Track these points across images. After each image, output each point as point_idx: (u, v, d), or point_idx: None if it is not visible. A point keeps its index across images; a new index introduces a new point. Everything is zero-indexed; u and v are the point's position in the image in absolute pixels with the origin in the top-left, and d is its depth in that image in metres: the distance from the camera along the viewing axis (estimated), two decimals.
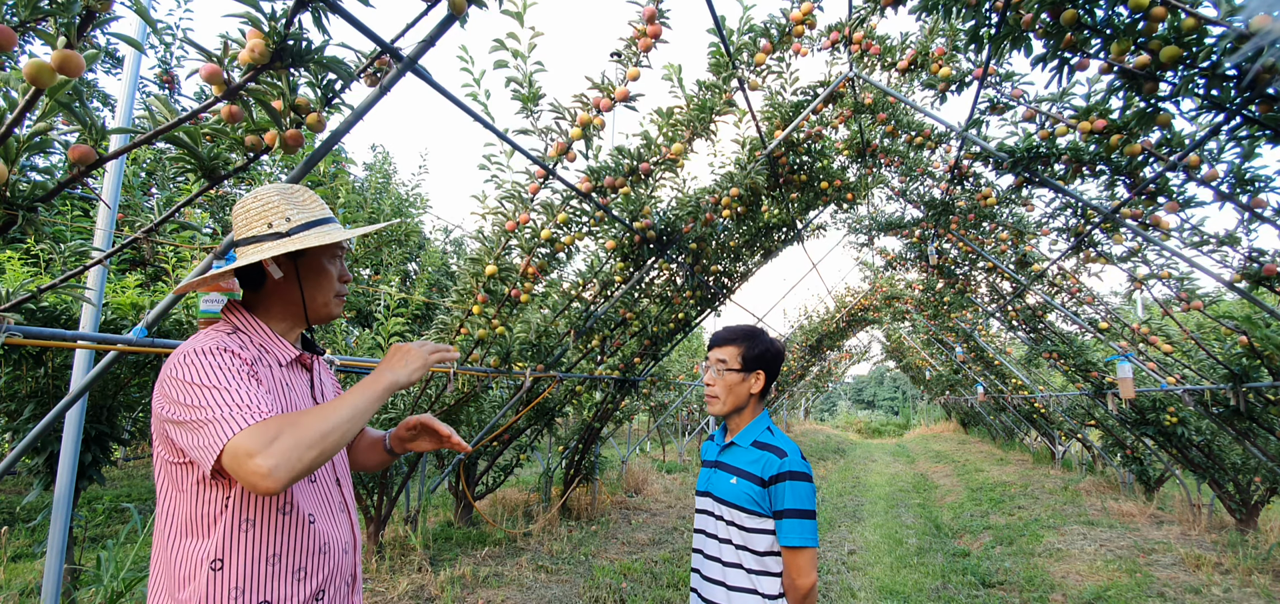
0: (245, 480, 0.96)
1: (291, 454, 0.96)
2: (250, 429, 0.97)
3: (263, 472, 0.94)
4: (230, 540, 1.08)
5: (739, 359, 1.73)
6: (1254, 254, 3.29)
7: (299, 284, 1.24)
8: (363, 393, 1.09)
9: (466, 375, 4.21)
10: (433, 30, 1.86)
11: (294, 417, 1.01)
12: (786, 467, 1.60)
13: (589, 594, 4.36)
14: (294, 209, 1.22)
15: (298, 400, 1.22)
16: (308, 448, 0.98)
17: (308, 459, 0.98)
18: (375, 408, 1.10)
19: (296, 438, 0.98)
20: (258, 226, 1.20)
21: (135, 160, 4.68)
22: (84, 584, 3.51)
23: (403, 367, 1.17)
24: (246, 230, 1.21)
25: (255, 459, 0.94)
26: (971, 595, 4.76)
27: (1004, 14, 2.46)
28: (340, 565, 1.22)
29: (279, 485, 0.95)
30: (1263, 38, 1.82)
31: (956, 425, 22.37)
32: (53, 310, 3.04)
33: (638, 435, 13.81)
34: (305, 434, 0.99)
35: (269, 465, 0.94)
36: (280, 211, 1.21)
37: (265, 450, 0.95)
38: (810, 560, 1.56)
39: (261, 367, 1.15)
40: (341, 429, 1.03)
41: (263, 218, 1.20)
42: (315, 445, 0.99)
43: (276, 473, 0.94)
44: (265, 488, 0.95)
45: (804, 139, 4.49)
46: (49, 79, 1.17)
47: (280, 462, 0.95)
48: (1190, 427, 6.47)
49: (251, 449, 0.95)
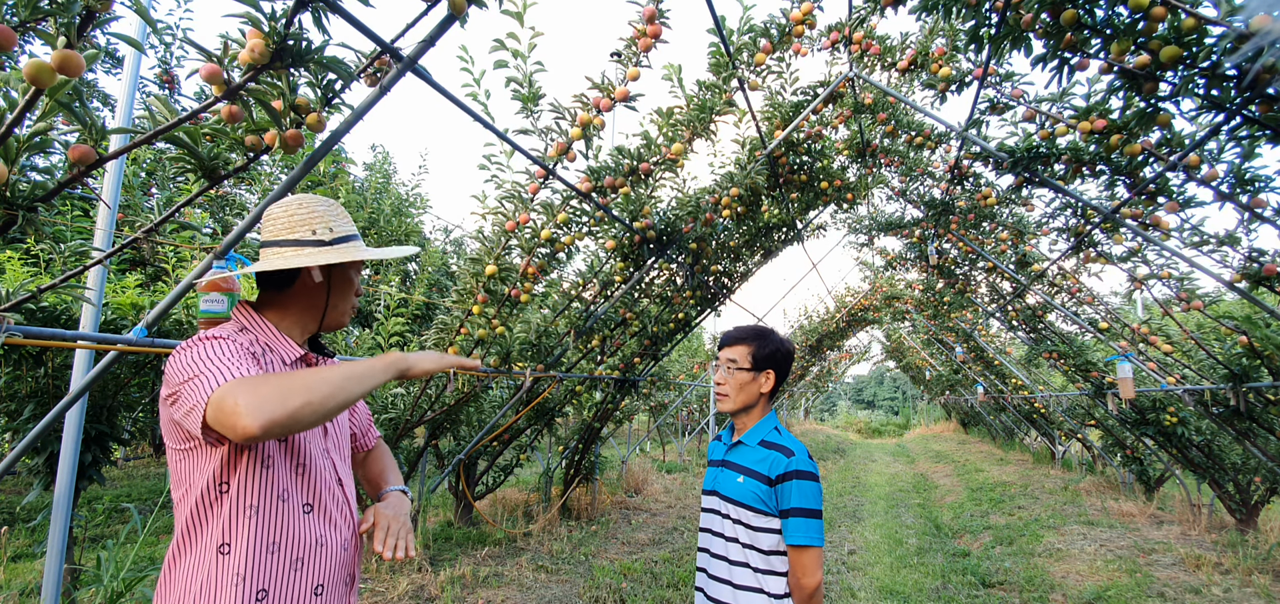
0: (228, 428, 0.94)
1: (273, 398, 0.94)
2: (234, 381, 0.97)
3: (242, 410, 0.92)
4: (234, 525, 1.09)
5: (749, 358, 1.75)
6: (1254, 254, 3.29)
7: (328, 292, 1.29)
8: (366, 362, 1.09)
9: (467, 375, 4.21)
10: (433, 30, 1.86)
11: (285, 374, 1.01)
12: (794, 466, 1.61)
13: (589, 594, 4.36)
14: (336, 220, 1.28)
15: None
16: (292, 394, 0.96)
17: (291, 405, 0.95)
18: (375, 383, 1.08)
19: (282, 386, 0.96)
20: (302, 231, 1.24)
21: (135, 160, 4.68)
22: (84, 584, 3.51)
23: (418, 358, 1.17)
24: (289, 232, 1.24)
25: (236, 399, 0.93)
26: (971, 595, 4.76)
27: (1004, 14, 2.46)
28: (340, 563, 1.23)
29: (259, 426, 0.92)
30: (1263, 38, 1.82)
31: (956, 425, 22.37)
32: (53, 310, 3.04)
33: (638, 435, 13.81)
34: (292, 383, 0.98)
35: (249, 404, 0.92)
36: (325, 221, 1.26)
37: (248, 394, 0.94)
38: (816, 559, 1.56)
39: (264, 365, 1.16)
40: (333, 386, 1.01)
41: (308, 224, 1.24)
42: (300, 394, 0.96)
43: (257, 412, 0.92)
44: (245, 428, 0.92)
45: (804, 139, 4.49)
46: (49, 79, 1.17)
47: (261, 402, 0.93)
48: (1190, 427, 6.47)
49: (234, 393, 0.94)
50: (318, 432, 1.26)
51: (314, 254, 1.22)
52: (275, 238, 1.24)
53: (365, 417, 1.55)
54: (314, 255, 1.22)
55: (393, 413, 4.37)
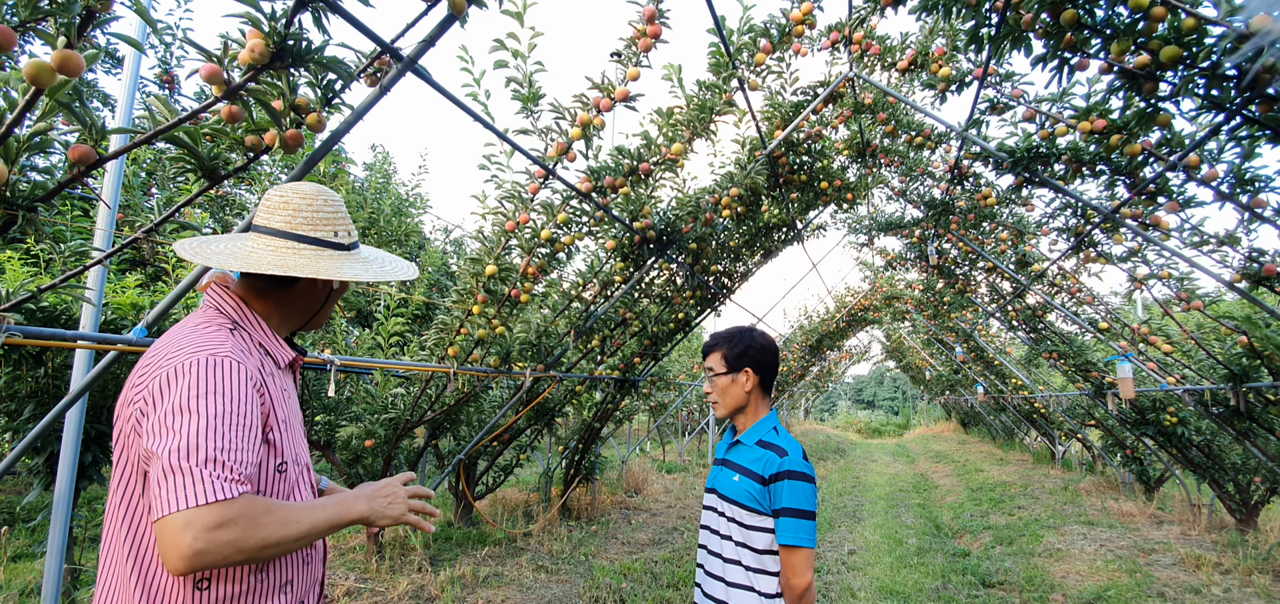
0: (164, 549, 0.87)
1: (226, 550, 0.88)
2: (209, 506, 0.88)
3: (186, 554, 0.86)
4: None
5: (723, 362, 1.80)
6: (1254, 254, 3.29)
7: (327, 298, 1.25)
8: (328, 514, 1.03)
9: (466, 375, 4.21)
10: (433, 30, 1.86)
11: (257, 511, 0.92)
12: (786, 466, 1.63)
13: (589, 594, 4.36)
14: (349, 220, 1.22)
15: (292, 407, 1.19)
16: (246, 550, 0.90)
17: (238, 556, 0.90)
18: (334, 531, 1.05)
19: (243, 535, 0.90)
20: (325, 230, 1.16)
21: (135, 160, 4.67)
22: (84, 584, 3.51)
23: (381, 510, 1.10)
24: (311, 228, 1.15)
25: (186, 536, 0.86)
26: (971, 595, 4.76)
27: (1004, 14, 2.46)
28: (315, 575, 1.20)
29: (189, 571, 0.87)
30: (1263, 38, 1.82)
31: (956, 425, 22.37)
32: (53, 310, 3.04)
33: (638, 435, 13.81)
34: (254, 536, 0.91)
35: (197, 549, 0.86)
36: (345, 223, 1.20)
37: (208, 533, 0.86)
38: (806, 560, 1.57)
39: (265, 376, 1.09)
40: (291, 543, 0.96)
41: (331, 224, 1.17)
42: (253, 551, 0.91)
43: (198, 559, 0.86)
44: (171, 564, 0.87)
45: (804, 139, 4.48)
46: (49, 79, 1.16)
47: (211, 552, 0.87)
48: (1190, 427, 6.47)
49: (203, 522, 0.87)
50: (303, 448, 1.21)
51: (336, 262, 1.13)
52: (293, 230, 1.14)
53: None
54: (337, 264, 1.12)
55: (393, 413, 4.37)
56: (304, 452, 1.20)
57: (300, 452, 1.17)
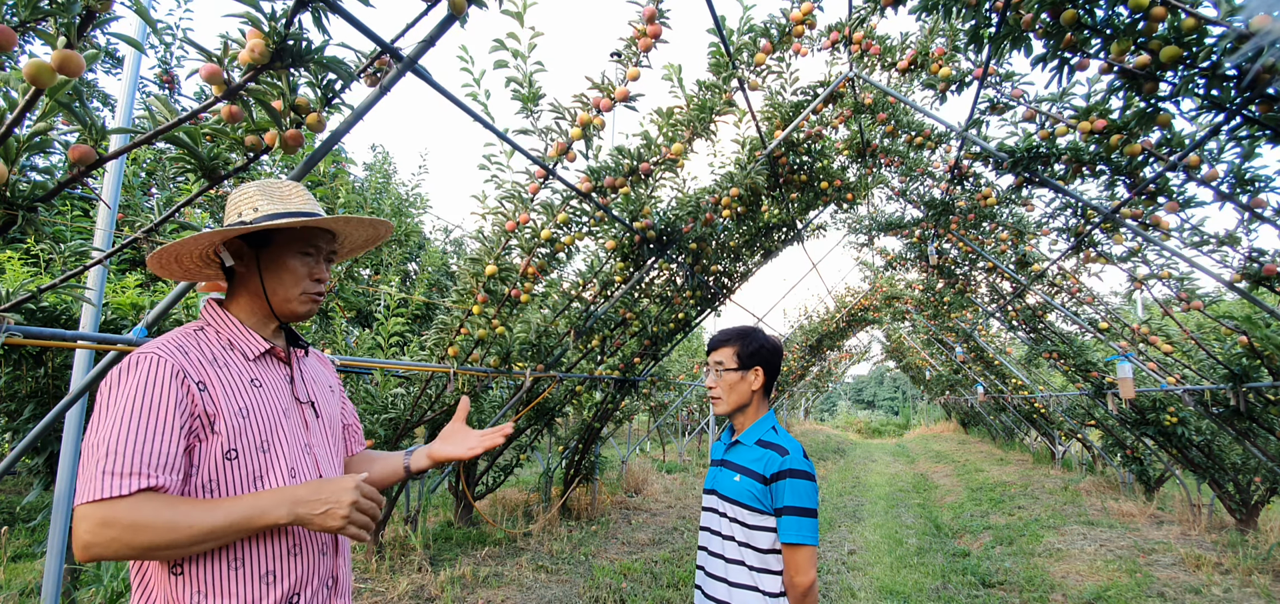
0: (75, 537, 0.96)
1: (114, 546, 0.94)
2: (96, 504, 0.94)
3: (80, 544, 0.94)
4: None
5: (735, 358, 1.78)
6: (1254, 254, 3.29)
7: (259, 276, 1.21)
8: (231, 516, 1.01)
9: (466, 376, 4.21)
10: (433, 30, 1.86)
11: (144, 514, 0.95)
12: (788, 464, 1.63)
13: (589, 594, 4.36)
14: (267, 201, 1.19)
15: (268, 395, 1.17)
16: (135, 547, 0.95)
17: (130, 552, 0.96)
18: (244, 534, 1.04)
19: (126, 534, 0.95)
20: (231, 216, 1.20)
21: (135, 160, 4.68)
22: (84, 584, 3.51)
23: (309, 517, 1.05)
24: (226, 221, 1.21)
25: (81, 528, 0.94)
26: (971, 595, 4.76)
27: (1004, 14, 2.46)
28: (316, 568, 1.17)
29: (87, 561, 0.96)
30: (1263, 38, 1.82)
31: (956, 425, 22.37)
32: (53, 310, 3.04)
33: (638, 435, 13.80)
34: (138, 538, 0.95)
35: (86, 541, 0.94)
36: (251, 202, 1.19)
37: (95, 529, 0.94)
38: (809, 558, 1.57)
39: (220, 368, 1.12)
40: (186, 545, 0.98)
41: (236, 208, 1.20)
42: (142, 550, 0.96)
43: (88, 552, 0.95)
44: (76, 552, 0.95)
45: (804, 139, 4.48)
46: (49, 79, 1.16)
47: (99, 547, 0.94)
48: (1190, 427, 6.47)
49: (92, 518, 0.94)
50: (298, 425, 1.20)
51: (221, 234, 1.16)
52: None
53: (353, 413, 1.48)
54: (223, 235, 1.16)
55: (393, 413, 4.37)
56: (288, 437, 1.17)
57: (275, 437, 1.15)
